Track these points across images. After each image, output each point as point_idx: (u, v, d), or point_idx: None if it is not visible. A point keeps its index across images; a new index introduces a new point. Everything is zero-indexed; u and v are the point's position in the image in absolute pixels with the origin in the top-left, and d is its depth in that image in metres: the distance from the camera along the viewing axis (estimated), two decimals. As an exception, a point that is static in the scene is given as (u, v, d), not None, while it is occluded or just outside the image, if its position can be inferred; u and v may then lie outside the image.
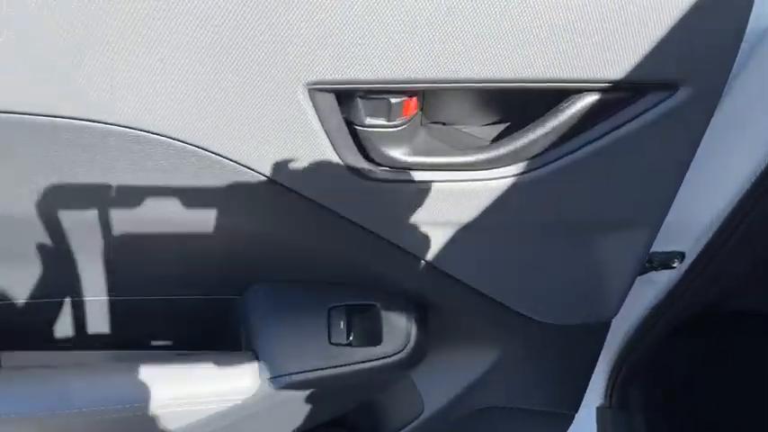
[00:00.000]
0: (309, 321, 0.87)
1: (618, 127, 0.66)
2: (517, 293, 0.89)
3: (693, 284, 0.95)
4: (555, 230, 0.78)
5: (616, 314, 0.96)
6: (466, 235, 0.78)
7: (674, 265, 0.93)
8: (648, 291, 1.02)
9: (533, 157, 0.69)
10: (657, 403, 1.41)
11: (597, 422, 1.26)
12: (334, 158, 0.66)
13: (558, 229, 0.78)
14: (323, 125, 0.63)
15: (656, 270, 0.96)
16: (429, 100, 0.68)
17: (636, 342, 1.13)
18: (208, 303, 0.94)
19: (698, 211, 0.85)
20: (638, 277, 0.94)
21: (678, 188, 0.75)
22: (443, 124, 0.71)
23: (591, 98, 0.63)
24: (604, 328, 1.03)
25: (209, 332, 0.98)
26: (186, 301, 0.92)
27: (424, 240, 0.78)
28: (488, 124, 0.71)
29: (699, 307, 1.06)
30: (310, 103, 0.61)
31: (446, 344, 1.03)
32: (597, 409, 1.26)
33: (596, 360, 1.10)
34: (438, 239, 0.78)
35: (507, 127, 0.70)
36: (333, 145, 0.65)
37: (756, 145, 0.75)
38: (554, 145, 0.68)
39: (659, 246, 0.90)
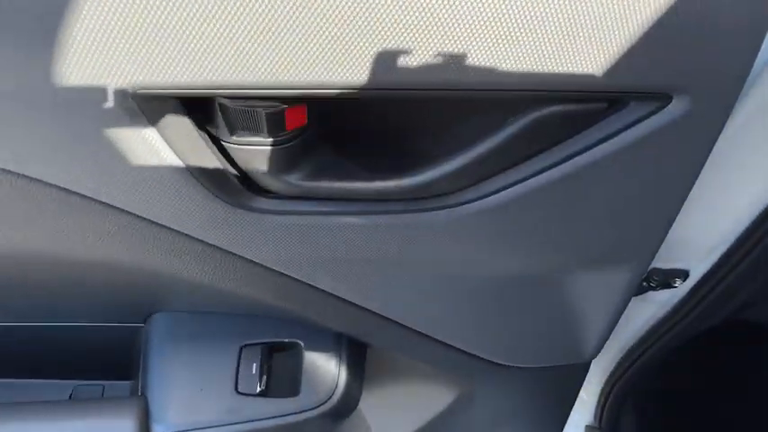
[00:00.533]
0: (214, 362, 0.72)
1: (591, 146, 0.47)
2: (473, 337, 0.72)
3: (702, 303, 0.82)
4: (512, 271, 0.60)
5: (596, 355, 0.79)
6: (398, 274, 0.60)
7: (676, 284, 0.80)
8: (646, 309, 0.89)
9: (475, 183, 0.50)
10: (652, 424, 1.32)
11: None
12: (196, 185, 0.48)
13: (518, 270, 0.60)
14: (169, 142, 0.45)
15: (654, 290, 0.82)
16: (328, 107, 0.49)
17: (631, 362, 1.02)
18: (111, 331, 0.79)
19: (705, 226, 0.70)
20: (637, 295, 0.81)
21: (675, 216, 0.56)
22: (351, 138, 0.53)
23: (554, 109, 0.44)
24: (583, 367, 0.86)
25: (116, 361, 0.84)
26: (87, 329, 0.78)
27: (343, 280, 0.61)
28: (413, 140, 0.52)
29: (706, 325, 0.92)
30: (142, 115, 0.43)
31: (395, 381, 0.87)
32: (586, 428, 1.16)
33: (574, 399, 0.95)
34: (361, 279, 0.61)
35: (439, 143, 0.51)
36: (188, 167, 0.47)
37: None
38: (505, 167, 0.49)
39: (659, 263, 0.76)
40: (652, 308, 0.88)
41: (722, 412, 1.34)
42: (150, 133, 0.44)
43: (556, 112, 0.45)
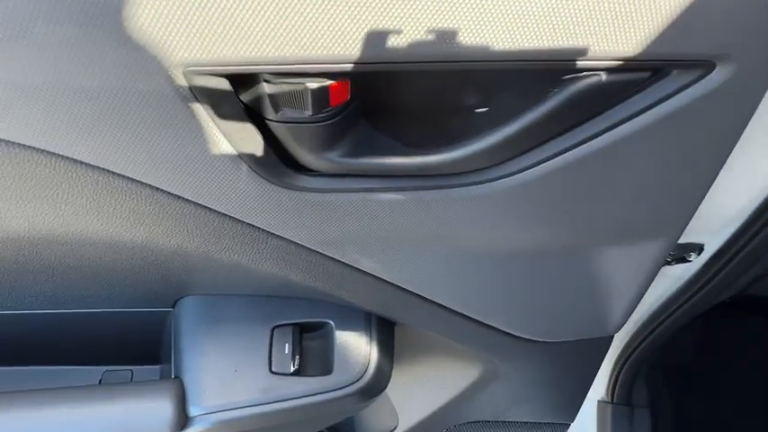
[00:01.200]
0: (247, 344, 0.72)
1: (631, 116, 0.47)
2: (501, 313, 0.73)
3: (716, 277, 0.82)
4: (545, 245, 0.61)
5: (620, 329, 0.80)
6: (432, 252, 0.61)
7: (691, 258, 0.80)
8: (660, 284, 0.88)
9: (517, 156, 0.51)
10: (664, 398, 1.33)
11: (597, 417, 1.17)
12: (240, 164, 0.49)
13: (549, 244, 0.61)
14: (216, 121, 0.45)
15: (669, 264, 0.82)
16: (371, 82, 0.50)
17: (643, 337, 1.02)
18: (139, 317, 0.80)
19: (721, 199, 0.69)
20: None
21: (708, 187, 0.57)
22: (392, 114, 0.53)
23: (592, 80, 0.45)
24: (606, 341, 0.87)
25: (144, 346, 0.85)
26: (114, 314, 0.79)
27: (379, 259, 0.61)
28: (455, 114, 0.52)
29: (719, 299, 0.93)
30: (191, 93, 0.43)
31: (421, 358, 0.88)
32: (598, 402, 1.17)
33: (596, 371, 0.96)
34: (397, 257, 0.61)
35: (481, 118, 0.51)
36: (234, 146, 0.47)
37: None
38: (544, 141, 0.50)
39: None
40: (666, 282, 0.88)
41: (733, 389, 1.36)
42: (198, 111, 0.44)
43: (598, 83, 0.45)
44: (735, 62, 0.43)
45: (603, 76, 0.44)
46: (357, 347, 0.74)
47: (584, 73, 0.44)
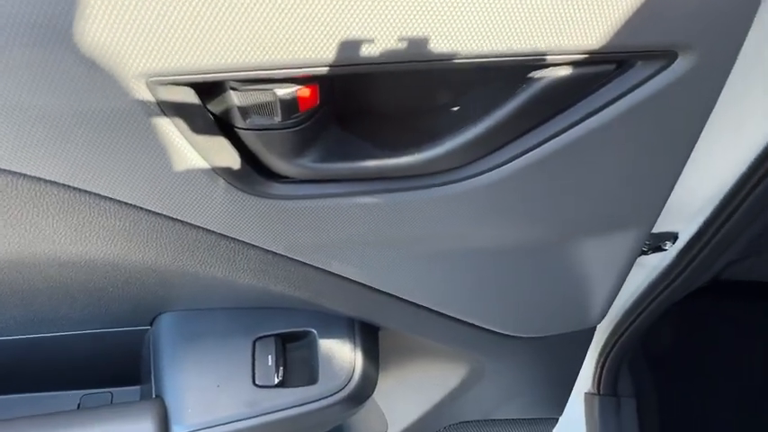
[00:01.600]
0: (229, 358, 0.71)
1: (599, 109, 0.48)
2: (483, 311, 0.73)
3: (691, 264, 0.84)
4: (523, 241, 0.61)
5: (601, 320, 0.81)
6: (411, 253, 0.61)
7: (666, 247, 0.82)
8: (638, 274, 0.90)
9: (489, 153, 0.51)
10: (648, 386, 1.35)
11: (585, 410, 1.18)
12: (212, 175, 0.48)
13: (527, 240, 0.61)
14: (184, 133, 0.44)
15: (646, 254, 0.84)
16: (340, 85, 0.49)
17: (625, 327, 1.04)
18: (116, 337, 0.78)
19: (692, 189, 0.71)
20: None
21: (678, 176, 0.58)
22: (363, 117, 0.53)
23: (558, 74, 0.45)
24: (589, 332, 0.88)
25: (122, 366, 0.83)
26: (90, 336, 0.76)
27: (359, 263, 0.61)
28: (426, 114, 0.52)
29: (695, 285, 0.95)
30: (156, 106, 0.42)
31: (407, 361, 0.88)
32: (585, 395, 1.18)
33: (581, 364, 0.97)
34: (376, 260, 0.61)
35: (451, 117, 0.51)
36: (204, 157, 0.46)
37: (760, 120, 0.58)
38: (516, 137, 0.50)
39: None
40: (644, 272, 0.90)
41: (713, 372, 1.39)
42: (164, 123, 0.43)
43: (565, 77, 0.45)
44: (697, 51, 0.44)
45: (570, 70, 0.45)
46: (341, 355, 0.73)
47: (551, 68, 0.45)
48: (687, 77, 0.45)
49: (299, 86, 0.44)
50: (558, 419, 1.10)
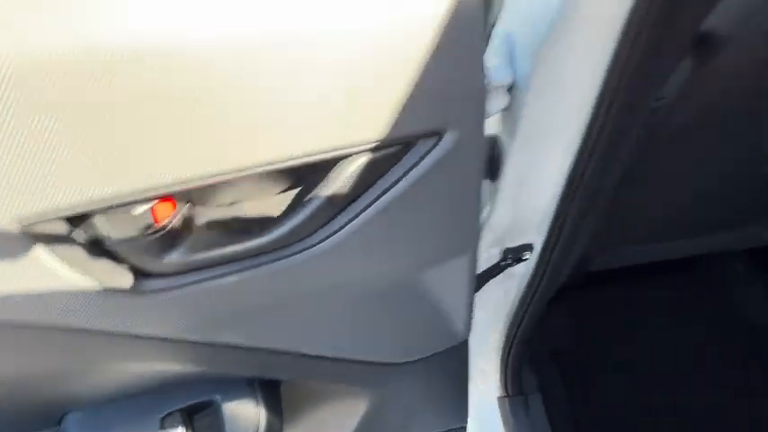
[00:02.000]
0: (140, 442, 0.76)
1: (396, 182, 0.62)
2: (366, 347, 0.84)
3: (549, 266, 0.98)
4: (376, 283, 0.74)
5: (468, 335, 0.95)
6: (289, 312, 0.71)
7: (526, 257, 0.96)
8: (512, 282, 1.04)
9: (321, 227, 0.63)
10: (553, 380, 1.48)
11: (501, 413, 1.28)
12: (87, 282, 0.55)
13: (379, 281, 0.74)
14: (60, 255, 0.53)
15: (512, 266, 0.98)
16: (187, 195, 0.60)
17: (515, 330, 1.16)
18: None
19: (534, 206, 0.87)
20: (502, 273, 0.96)
21: (478, 215, 0.73)
22: (216, 213, 0.63)
23: (361, 160, 0.59)
24: (463, 346, 1.02)
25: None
26: None
27: (245, 331, 0.70)
28: (264, 203, 0.64)
29: (561, 281, 1.09)
30: (33, 240, 0.50)
31: (311, 408, 0.97)
32: (498, 399, 1.29)
33: (467, 371, 1.10)
34: (261, 325, 0.71)
35: (287, 203, 0.64)
36: (79, 269, 0.54)
37: (560, 149, 0.76)
38: (339, 211, 0.63)
39: (510, 242, 0.93)
40: (515, 280, 1.04)
41: (604, 356, 1.53)
42: (39, 252, 0.51)
43: (366, 161, 0.59)
44: (456, 130, 0.59)
45: (368, 156, 0.59)
46: (246, 416, 0.81)
47: (353, 156, 0.58)
48: (454, 149, 0.60)
49: (154, 202, 0.54)
50: (465, 427, 1.21)
